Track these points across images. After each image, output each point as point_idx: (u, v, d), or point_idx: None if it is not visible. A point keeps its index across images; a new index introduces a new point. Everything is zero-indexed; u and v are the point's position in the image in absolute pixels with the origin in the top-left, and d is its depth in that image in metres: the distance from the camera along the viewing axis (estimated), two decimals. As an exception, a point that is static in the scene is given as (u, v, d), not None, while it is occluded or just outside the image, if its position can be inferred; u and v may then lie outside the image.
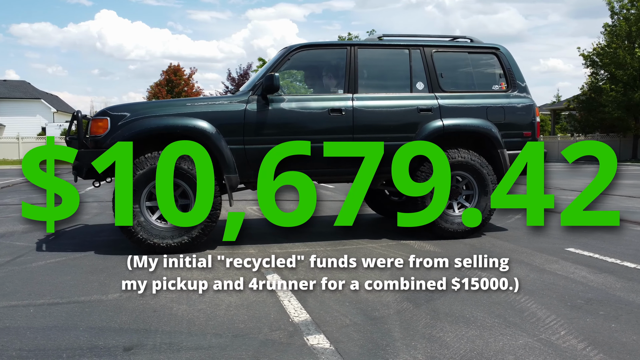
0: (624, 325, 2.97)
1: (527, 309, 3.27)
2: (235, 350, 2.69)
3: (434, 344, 2.75)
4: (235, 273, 4.19)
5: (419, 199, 5.23)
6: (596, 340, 2.75)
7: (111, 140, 4.76)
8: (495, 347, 2.69)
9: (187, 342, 2.80)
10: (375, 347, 2.73)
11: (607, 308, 3.26)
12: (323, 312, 3.26)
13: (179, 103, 4.98)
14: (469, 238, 5.47)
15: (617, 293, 3.57)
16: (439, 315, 3.18)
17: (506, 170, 5.56)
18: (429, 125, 5.35)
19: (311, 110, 5.15)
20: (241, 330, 2.97)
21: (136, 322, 3.08)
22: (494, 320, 3.06)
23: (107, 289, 3.74)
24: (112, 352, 2.66)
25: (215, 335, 2.89)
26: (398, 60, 5.57)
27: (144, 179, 4.76)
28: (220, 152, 4.89)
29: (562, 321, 3.04)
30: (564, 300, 3.42)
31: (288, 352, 2.66)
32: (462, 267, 4.30)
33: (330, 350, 2.68)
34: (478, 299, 3.46)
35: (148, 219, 4.81)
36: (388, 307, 3.34)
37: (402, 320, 3.10)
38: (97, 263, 4.50)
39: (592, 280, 3.90)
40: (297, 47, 5.32)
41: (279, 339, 2.84)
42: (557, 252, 4.80)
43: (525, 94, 5.75)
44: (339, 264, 4.43)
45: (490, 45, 5.82)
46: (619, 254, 4.73)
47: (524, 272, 4.14)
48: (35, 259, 4.65)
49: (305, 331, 2.93)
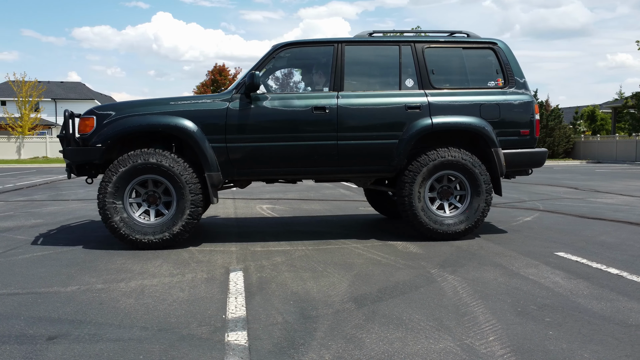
0: (562, 333, 2.78)
1: (471, 313, 3.12)
2: (151, 344, 2.71)
3: (350, 345, 2.67)
4: (202, 269, 4.22)
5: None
6: (521, 347, 2.59)
7: (96, 138, 4.93)
8: (410, 351, 2.58)
9: (111, 334, 2.85)
10: (290, 345, 2.68)
11: (557, 315, 3.06)
12: (262, 310, 3.24)
13: (163, 102, 5.08)
14: (460, 240, 5.29)
15: (579, 300, 3.34)
16: (375, 316, 3.08)
17: (501, 170, 5.35)
18: (417, 123, 5.21)
19: (294, 108, 5.12)
20: (170, 324, 2.99)
21: (76, 314, 3.17)
22: (428, 324, 2.94)
23: (71, 282, 3.86)
24: (35, 341, 2.74)
25: (142, 329, 2.93)
26: (387, 57, 5.46)
27: (127, 176, 4.89)
28: (202, 150, 4.96)
29: (499, 327, 2.88)
30: (516, 306, 3.24)
31: (200, 347, 2.66)
32: (433, 269, 4.17)
33: (243, 347, 2.66)
34: (427, 302, 3.34)
35: (131, 215, 4.94)
36: (330, 307, 3.28)
37: (334, 320, 3.03)
38: (78, 257, 4.66)
39: (561, 286, 3.67)
40: (282, 45, 5.31)
41: (200, 334, 2.84)
42: (542, 257, 4.56)
43: (523, 90, 5.50)
44: (309, 264, 4.41)
45: (487, 40, 5.59)
46: (610, 259, 4.44)
47: (493, 275, 3.96)
48: (24, 252, 4.87)
49: (231, 328, 2.92)
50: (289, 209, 8.02)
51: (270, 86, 5.54)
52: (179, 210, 4.92)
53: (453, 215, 5.33)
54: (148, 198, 5.01)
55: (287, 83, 5.95)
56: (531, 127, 5.44)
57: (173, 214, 4.93)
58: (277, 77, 5.75)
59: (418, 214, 5.23)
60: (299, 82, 5.98)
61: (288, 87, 5.99)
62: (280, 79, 5.79)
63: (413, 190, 5.21)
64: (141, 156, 4.89)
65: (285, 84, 5.94)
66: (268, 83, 5.51)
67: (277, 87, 5.74)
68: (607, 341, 2.65)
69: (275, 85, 5.69)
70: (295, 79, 5.99)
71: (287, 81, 5.94)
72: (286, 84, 5.95)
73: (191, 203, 4.92)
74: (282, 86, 5.85)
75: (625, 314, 3.07)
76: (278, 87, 5.75)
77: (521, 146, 5.45)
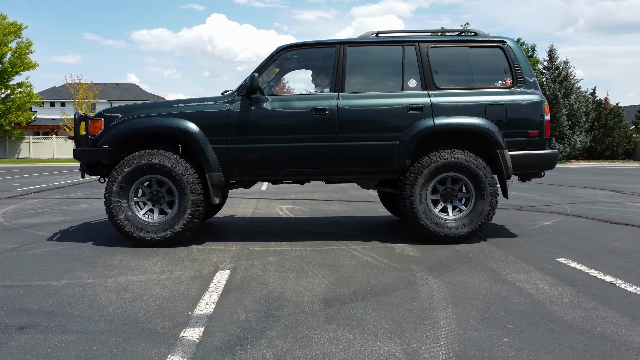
0: (517, 340, 2.68)
1: (434, 317, 3.06)
2: (109, 336, 2.82)
3: (297, 344, 2.69)
4: (193, 267, 4.33)
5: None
6: (467, 353, 2.52)
7: (104, 140, 5.15)
8: (353, 352, 2.57)
9: (77, 326, 2.99)
10: (239, 342, 2.72)
11: (522, 322, 2.96)
12: (230, 308, 3.29)
13: (167, 104, 5.25)
14: (464, 243, 5.17)
15: (554, 308, 3.21)
16: (337, 318, 3.08)
17: (507, 172, 5.19)
18: (419, 124, 5.14)
19: (294, 109, 5.16)
20: (136, 319, 3.10)
21: (55, 306, 3.33)
22: (385, 327, 2.92)
23: (65, 276, 4.06)
24: (6, 330, 2.91)
25: (108, 322, 3.05)
26: (390, 57, 5.41)
27: (131, 176, 5.08)
28: (203, 151, 5.08)
29: (455, 332, 2.82)
30: (484, 312, 3.15)
31: (152, 341, 2.74)
32: (420, 272, 4.11)
33: (193, 343, 2.73)
34: (395, 305, 3.30)
35: (135, 213, 5.13)
36: (297, 307, 3.30)
37: (294, 321, 3.04)
38: (83, 253, 4.88)
39: (544, 292, 3.53)
40: (285, 47, 5.37)
41: (159, 329, 2.93)
42: (540, 262, 4.39)
43: (533, 89, 5.31)
44: (298, 265, 4.44)
45: (495, 39, 5.44)
46: (611, 266, 4.22)
47: (478, 280, 3.85)
48: (36, 247, 5.15)
49: (192, 324, 3.00)
50: (307, 209, 8.06)
51: (273, 87, 5.61)
52: (181, 209, 5.07)
53: (456, 218, 5.22)
54: (152, 197, 5.19)
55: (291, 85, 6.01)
56: (540, 128, 5.24)
57: (175, 213, 5.08)
58: (281, 78, 5.80)
59: (419, 216, 5.15)
60: (301, 84, 6.02)
61: (291, 89, 6.05)
62: (283, 81, 5.84)
63: (414, 192, 5.14)
64: (145, 157, 5.07)
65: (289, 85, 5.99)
66: (271, 84, 5.58)
67: (280, 88, 5.79)
68: (560, 350, 2.55)
69: (278, 87, 5.74)
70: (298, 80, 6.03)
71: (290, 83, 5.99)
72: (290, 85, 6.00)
73: (192, 203, 5.06)
74: (285, 88, 5.91)
75: (595, 323, 2.93)
76: (281, 89, 5.81)
77: (530, 148, 5.26)
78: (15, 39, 34.22)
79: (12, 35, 33.86)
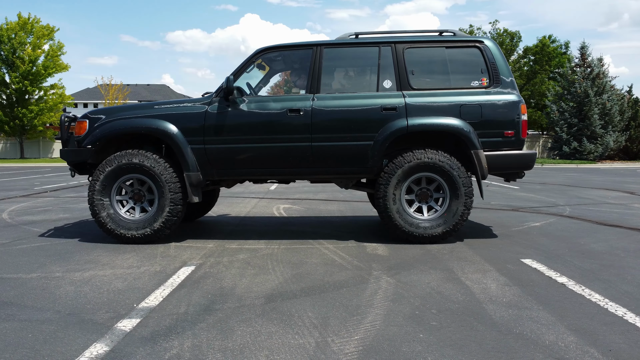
0: (432, 337, 2.72)
1: (364, 314, 3.12)
2: (49, 325, 2.98)
3: (219, 336, 2.79)
4: (161, 263, 4.49)
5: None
6: (376, 347, 2.58)
7: (88, 140, 5.38)
8: (268, 344, 2.66)
9: (25, 315, 3.16)
10: (166, 333, 2.85)
11: (447, 320, 2.99)
12: (176, 301, 3.42)
13: (149, 106, 5.44)
14: (439, 243, 5.18)
15: (488, 307, 3.22)
16: (271, 312, 3.17)
17: (482, 173, 5.18)
18: (392, 124, 5.18)
19: (269, 110, 5.27)
20: (82, 310, 3.26)
21: (15, 297, 3.53)
22: (312, 322, 2.99)
23: (37, 270, 4.27)
24: (-41, 318, 3.11)
25: (55, 312, 3.22)
26: (367, 58, 5.47)
27: (113, 175, 5.28)
28: (181, 151, 5.24)
29: (376, 328, 2.87)
30: (417, 310, 3.18)
31: (85, 330, 2.90)
32: (377, 271, 4.16)
33: (124, 332, 2.87)
34: (335, 302, 3.37)
35: (117, 211, 5.33)
36: (239, 301, 3.40)
37: (228, 314, 3.15)
38: (65, 249, 5.10)
39: (488, 292, 3.54)
40: (263, 49, 5.49)
41: (98, 319, 3.08)
42: (502, 263, 4.38)
43: (509, 89, 5.28)
44: (263, 262, 4.55)
45: (472, 39, 5.43)
46: (574, 268, 4.18)
47: (429, 279, 3.88)
48: (25, 243, 5.41)
49: (131, 315, 3.14)
50: (303, 209, 8.16)
51: (251, 89, 5.73)
52: (160, 207, 5.24)
53: (430, 218, 5.23)
54: (134, 196, 5.38)
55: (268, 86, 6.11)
56: (516, 128, 5.21)
57: (155, 211, 5.26)
58: (258, 80, 5.92)
59: (393, 216, 5.19)
60: (278, 85, 6.12)
61: (268, 91, 6.15)
62: (261, 82, 5.95)
63: (387, 192, 5.18)
64: (126, 157, 5.26)
65: (267, 87, 6.10)
66: (251, 86, 5.71)
67: (258, 90, 5.90)
68: (468, 347, 2.58)
69: (256, 89, 5.86)
70: (276, 82, 6.14)
71: (268, 84, 6.10)
72: (267, 87, 6.11)
73: (171, 201, 5.23)
74: (262, 89, 6.02)
75: (519, 322, 2.93)
76: (258, 90, 5.92)
77: (506, 148, 5.24)
78: (48, 41, 35.32)
79: (45, 38, 34.98)
